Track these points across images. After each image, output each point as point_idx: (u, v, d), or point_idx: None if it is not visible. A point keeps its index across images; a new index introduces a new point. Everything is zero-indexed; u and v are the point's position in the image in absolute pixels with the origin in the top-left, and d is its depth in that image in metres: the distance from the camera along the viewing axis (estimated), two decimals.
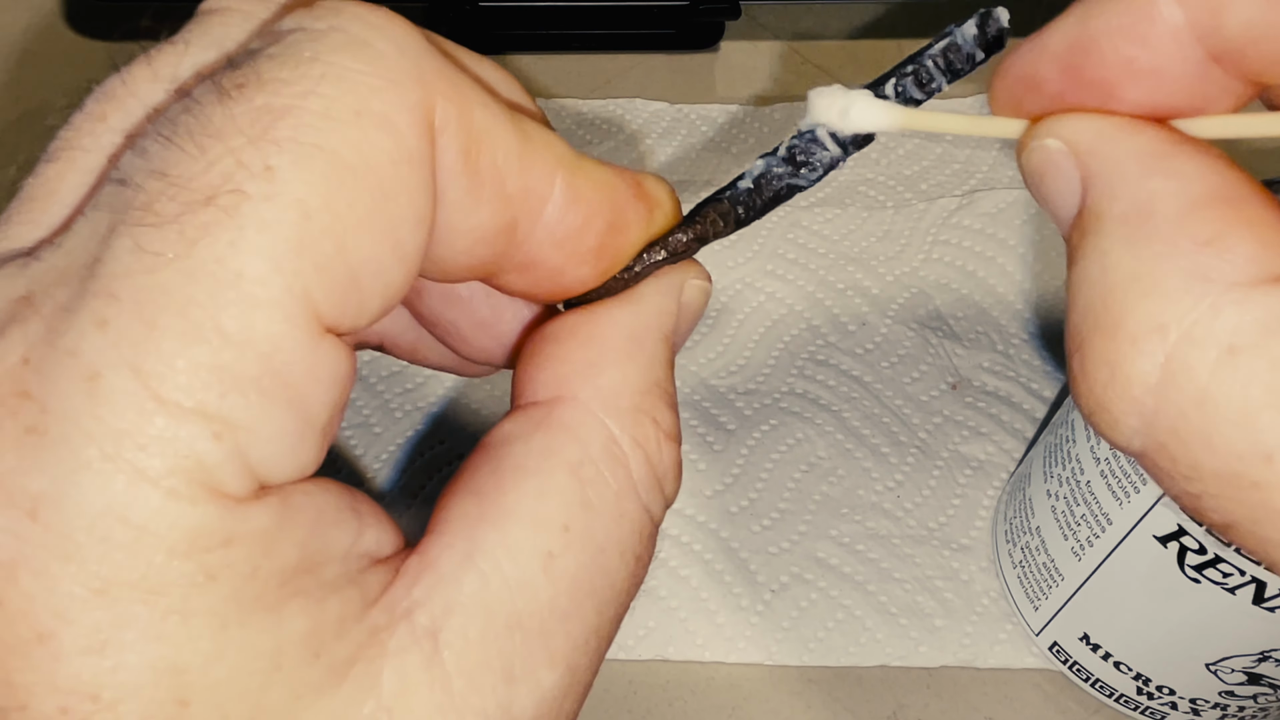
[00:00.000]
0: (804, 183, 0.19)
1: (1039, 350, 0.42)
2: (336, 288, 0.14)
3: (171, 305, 0.13)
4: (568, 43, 0.51)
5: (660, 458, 0.17)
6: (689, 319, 0.19)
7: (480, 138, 0.16)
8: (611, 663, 0.35)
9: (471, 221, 0.16)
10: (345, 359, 0.15)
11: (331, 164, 0.14)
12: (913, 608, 0.36)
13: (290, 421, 0.14)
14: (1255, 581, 0.27)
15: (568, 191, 0.17)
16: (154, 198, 0.14)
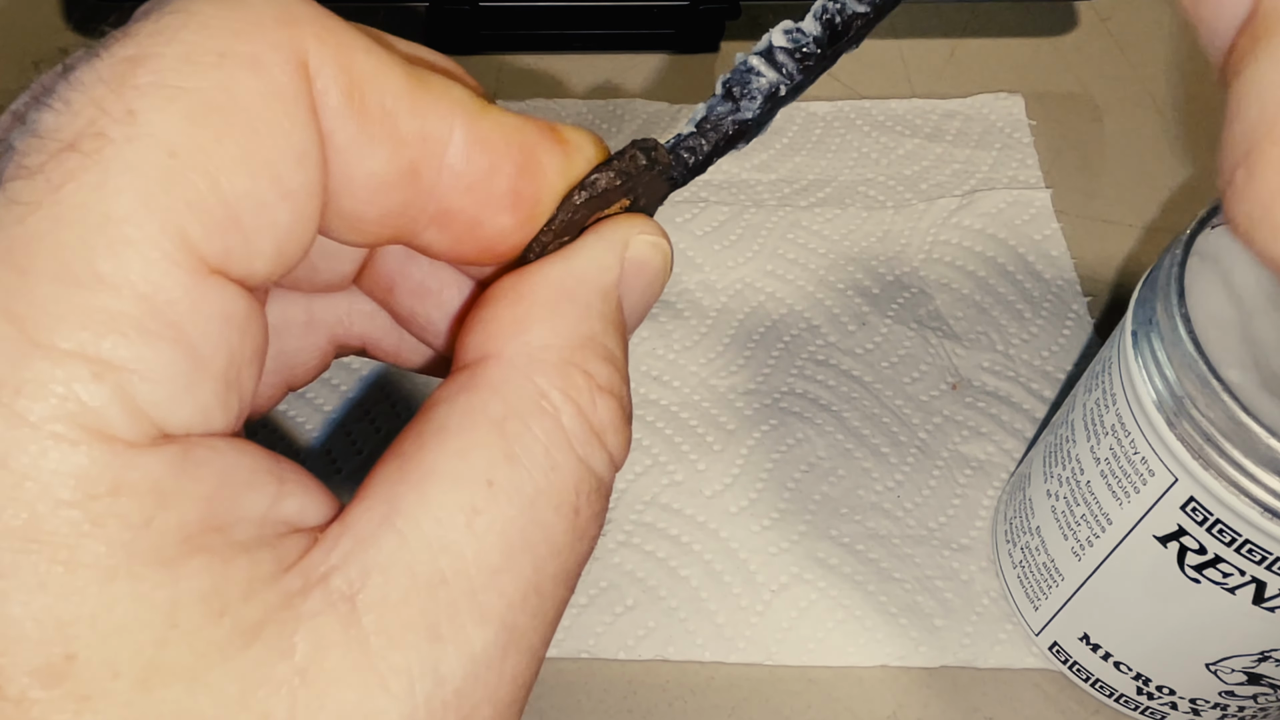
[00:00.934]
0: (747, 114, 0.18)
1: (1039, 350, 0.42)
2: (215, 226, 0.14)
3: (42, 250, 0.13)
4: (568, 43, 0.51)
5: (595, 410, 0.17)
6: (643, 276, 0.18)
7: (364, 79, 0.16)
8: (611, 663, 0.35)
9: (368, 166, 0.16)
10: (241, 302, 0.15)
11: (195, 103, 0.14)
12: (913, 608, 0.36)
13: (177, 362, 0.14)
14: (1255, 581, 0.27)
15: (468, 134, 0.17)
16: (24, 154, 0.14)
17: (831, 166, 0.48)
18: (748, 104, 0.18)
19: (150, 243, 0.14)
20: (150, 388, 0.14)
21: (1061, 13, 0.54)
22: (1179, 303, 0.27)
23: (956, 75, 0.51)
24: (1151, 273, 0.30)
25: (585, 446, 0.16)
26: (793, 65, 0.18)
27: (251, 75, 0.15)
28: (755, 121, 0.19)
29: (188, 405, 0.14)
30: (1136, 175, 0.48)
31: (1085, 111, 0.50)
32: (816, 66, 0.19)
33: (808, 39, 0.19)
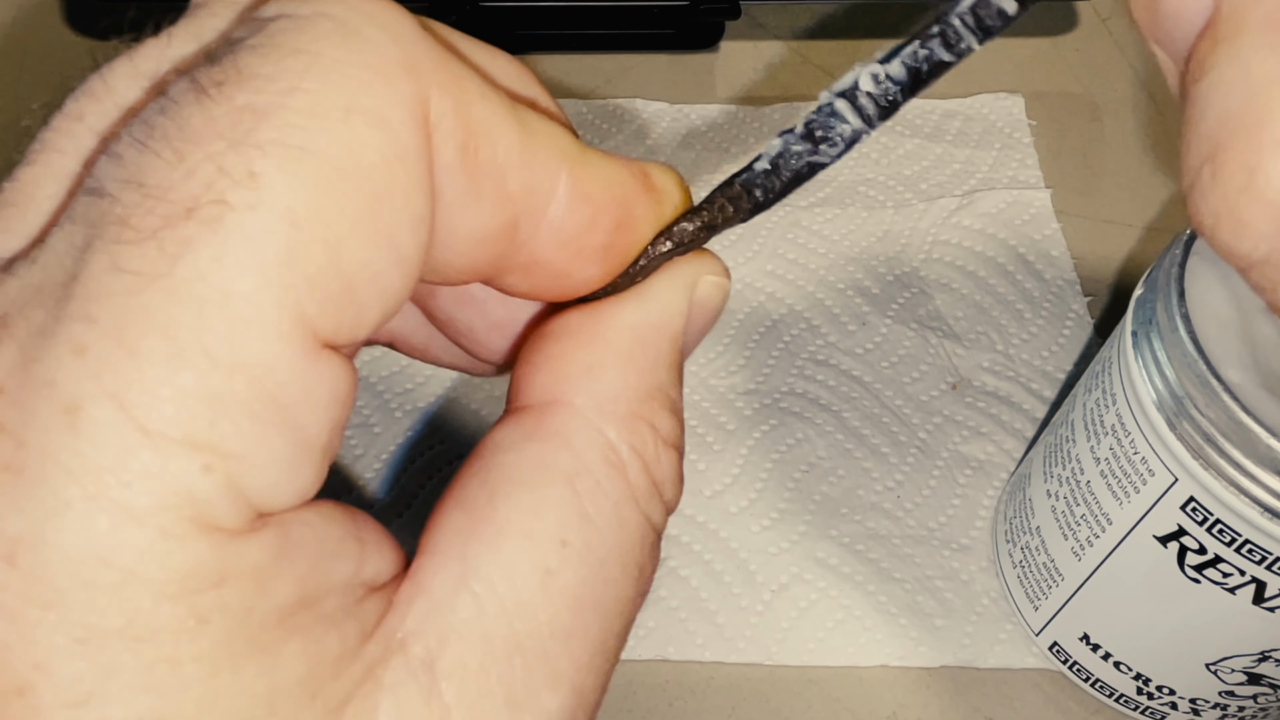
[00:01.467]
0: (825, 159, 0.18)
1: (1039, 350, 0.42)
2: (331, 300, 0.13)
3: (154, 328, 0.12)
4: (568, 43, 0.51)
5: (659, 464, 0.16)
6: (704, 317, 0.18)
7: (479, 131, 0.15)
8: None
9: (471, 222, 0.15)
10: (345, 374, 0.14)
11: (320, 167, 0.13)
12: (913, 608, 0.36)
13: (287, 446, 0.13)
14: (1255, 581, 0.27)
15: (573, 188, 0.16)
16: (130, 210, 0.13)
17: (831, 166, 0.48)
18: (827, 149, 0.18)
19: (266, 322, 0.13)
20: (258, 474, 0.13)
21: (1061, 13, 0.54)
22: (1179, 303, 0.27)
23: (956, 75, 0.51)
24: (1151, 273, 0.30)
25: (648, 502, 0.16)
26: (874, 111, 0.18)
27: (377, 134, 0.14)
28: (826, 165, 0.18)
29: (292, 486, 0.14)
30: (1136, 175, 0.48)
31: (1085, 111, 0.50)
32: (892, 113, 0.18)
33: (895, 88, 0.18)
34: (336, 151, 0.13)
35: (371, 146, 0.14)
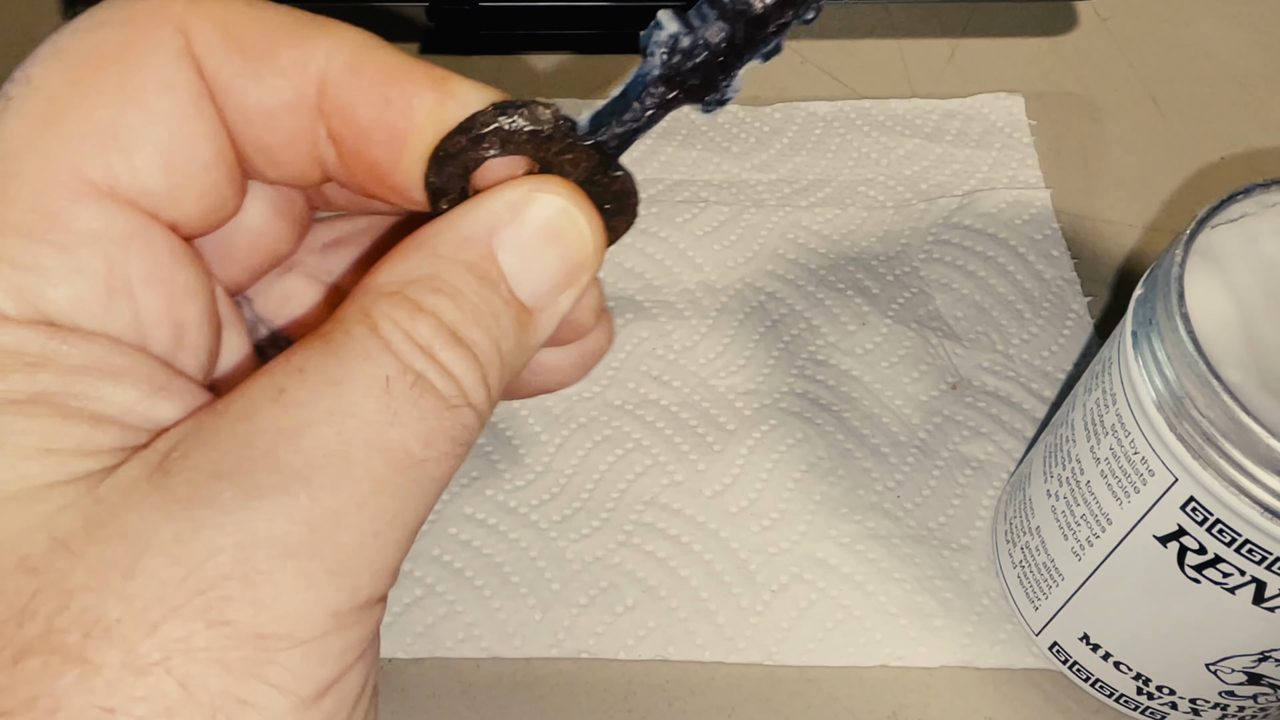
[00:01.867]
0: (653, 70, 0.18)
1: (1039, 350, 0.42)
2: (89, 150, 0.17)
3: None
4: (568, 43, 0.51)
5: (413, 324, 0.17)
6: (540, 234, 0.19)
7: (239, 24, 0.18)
8: (611, 663, 0.35)
9: (255, 95, 0.18)
10: (123, 219, 0.17)
11: (72, 59, 0.17)
12: (913, 608, 0.36)
13: (53, 258, 0.17)
14: (1255, 581, 0.27)
15: (344, 64, 0.18)
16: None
17: (831, 166, 0.48)
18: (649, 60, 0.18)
19: (34, 171, 0.16)
20: (22, 275, 0.16)
21: (1061, 13, 0.54)
22: (1179, 303, 0.27)
23: (956, 75, 0.51)
24: (1151, 273, 0.30)
25: (409, 353, 0.17)
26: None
27: (120, 31, 0.17)
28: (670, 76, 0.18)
29: (61, 295, 0.17)
30: (1136, 175, 0.48)
31: (1085, 111, 0.50)
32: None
33: None
34: (85, 47, 0.17)
35: (114, 39, 0.17)
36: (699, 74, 0.18)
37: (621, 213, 0.21)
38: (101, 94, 0.17)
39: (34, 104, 0.17)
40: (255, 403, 0.17)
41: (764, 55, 0.18)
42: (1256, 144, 0.49)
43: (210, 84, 0.18)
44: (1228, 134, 0.49)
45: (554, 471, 0.39)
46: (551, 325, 0.19)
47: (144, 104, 0.17)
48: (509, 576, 0.37)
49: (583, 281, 0.20)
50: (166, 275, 0.18)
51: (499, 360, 0.18)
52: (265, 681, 0.16)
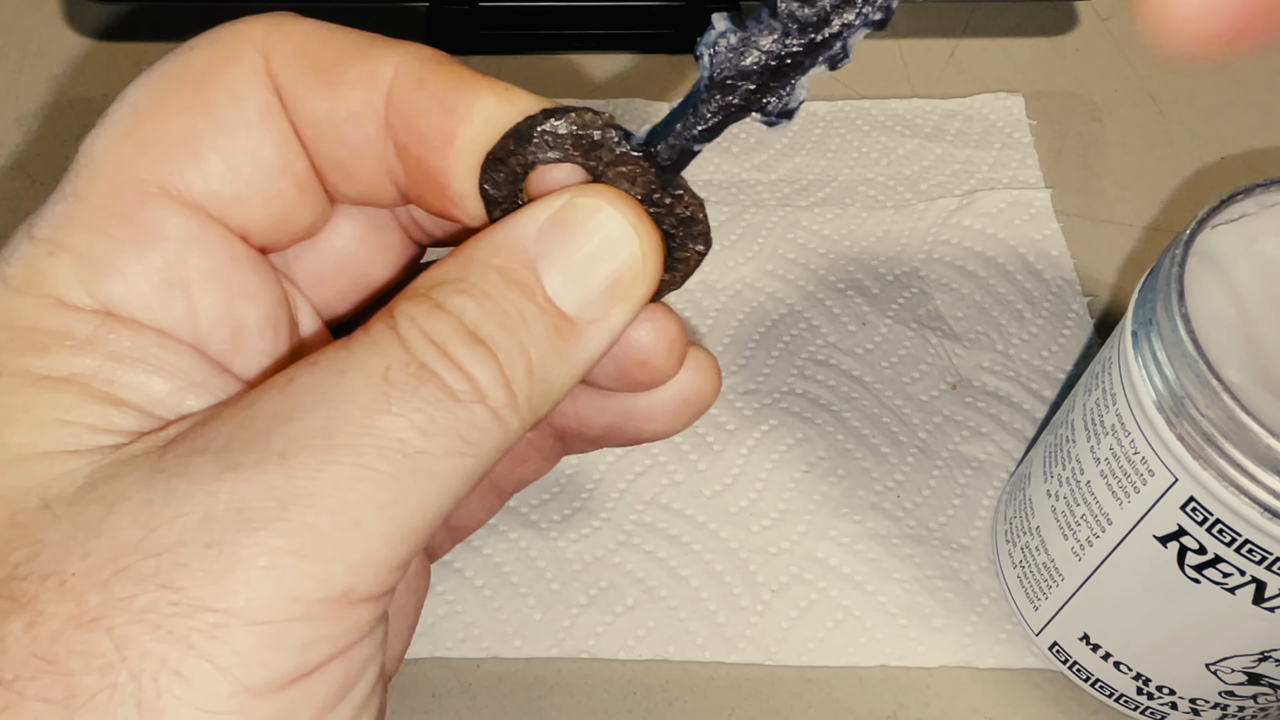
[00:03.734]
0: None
1: (1039, 350, 0.42)
2: (158, 154, 0.18)
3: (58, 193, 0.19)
4: (568, 43, 0.51)
5: (430, 321, 0.17)
6: (575, 237, 0.18)
7: (311, 42, 0.19)
8: (611, 663, 0.35)
9: (324, 106, 0.19)
10: (182, 219, 0.18)
11: (157, 75, 0.19)
12: (913, 608, 0.36)
13: (114, 249, 0.18)
14: (1255, 581, 0.27)
15: (405, 72, 0.19)
16: None
17: (831, 166, 0.48)
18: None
19: (109, 174, 0.18)
20: (84, 266, 0.17)
21: (1061, 13, 0.54)
22: (1179, 303, 0.27)
23: (956, 75, 0.51)
24: (1151, 273, 0.30)
25: (419, 346, 0.17)
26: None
27: (204, 52, 0.18)
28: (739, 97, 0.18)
29: (117, 286, 0.18)
30: (1136, 175, 0.48)
31: (1085, 111, 0.50)
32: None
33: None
34: (171, 65, 0.19)
35: (196, 58, 0.19)
36: (754, 80, 0.17)
37: (690, 240, 0.20)
38: (177, 105, 0.18)
39: (120, 116, 0.18)
40: (264, 391, 0.17)
41: (829, 62, 0.17)
42: (1256, 144, 0.49)
43: (285, 98, 0.19)
44: (1228, 134, 0.49)
45: (554, 471, 0.39)
46: (601, 341, 0.19)
47: (214, 114, 0.18)
48: (509, 576, 0.37)
49: (634, 295, 0.19)
50: (225, 276, 0.19)
51: (525, 364, 0.18)
52: (204, 657, 0.15)
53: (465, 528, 0.25)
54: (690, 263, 0.20)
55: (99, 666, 0.15)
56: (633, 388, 0.21)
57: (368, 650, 0.17)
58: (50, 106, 0.49)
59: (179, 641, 0.15)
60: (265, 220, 0.19)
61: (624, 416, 0.22)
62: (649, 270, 0.19)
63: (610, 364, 0.21)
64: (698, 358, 0.22)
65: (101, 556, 0.15)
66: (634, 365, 0.21)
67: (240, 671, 0.15)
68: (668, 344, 0.21)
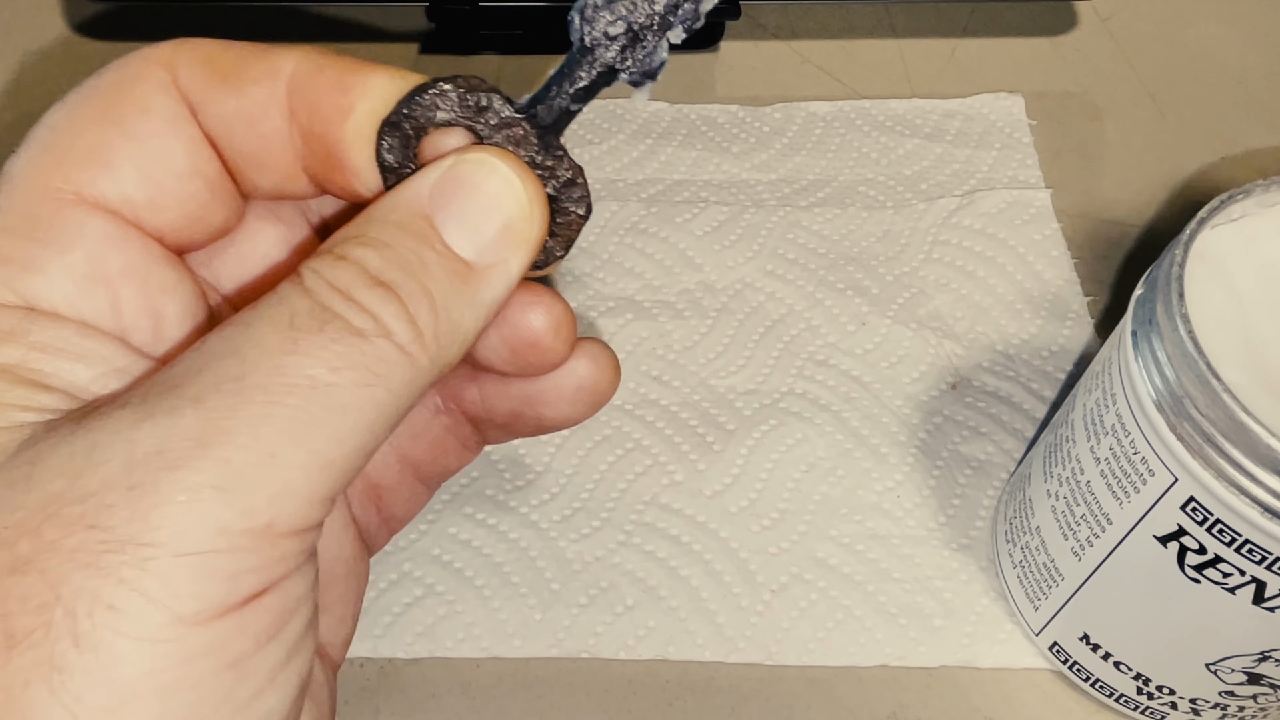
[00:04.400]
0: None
1: (1039, 350, 0.42)
2: (72, 164, 0.19)
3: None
4: (568, 43, 0.51)
5: (333, 271, 0.18)
6: (465, 194, 0.20)
7: (215, 53, 0.20)
8: (611, 663, 0.35)
9: (232, 105, 0.20)
10: (97, 220, 0.19)
11: (73, 97, 0.20)
12: (913, 608, 0.36)
13: (28, 248, 0.19)
14: (1255, 581, 0.27)
15: (297, 64, 0.20)
16: None
17: (831, 166, 0.48)
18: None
19: (26, 186, 0.19)
20: (5, 266, 0.19)
21: (1061, 13, 0.54)
22: (1179, 303, 0.27)
23: (956, 75, 0.51)
24: (1151, 273, 0.30)
25: (322, 294, 0.18)
26: None
27: (113, 73, 0.20)
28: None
29: (38, 283, 0.19)
30: (1136, 175, 0.48)
31: (1085, 111, 0.50)
32: None
33: None
34: (85, 86, 0.20)
35: (106, 78, 0.20)
36: (617, 43, 0.19)
37: (571, 205, 0.21)
38: (89, 120, 0.20)
39: (37, 136, 0.20)
40: (180, 356, 0.18)
41: (684, 24, 0.20)
42: (1256, 144, 0.49)
43: (193, 105, 0.20)
44: (1228, 134, 0.49)
45: (554, 471, 0.39)
46: (501, 285, 0.20)
47: (124, 126, 0.20)
48: (509, 576, 0.37)
49: (527, 240, 0.20)
50: (142, 272, 0.20)
51: (428, 303, 0.19)
52: (136, 589, 0.16)
53: (397, 518, 0.26)
54: (573, 226, 0.22)
55: (34, 606, 0.16)
56: (527, 370, 0.23)
57: (299, 588, 0.18)
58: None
59: (109, 576, 0.16)
60: (179, 221, 0.21)
61: (525, 402, 0.23)
62: (536, 215, 0.20)
63: (503, 346, 0.22)
64: (594, 348, 0.23)
65: (30, 509, 0.16)
66: (524, 346, 0.22)
67: (172, 602, 0.16)
68: (554, 324, 0.22)
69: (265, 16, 0.52)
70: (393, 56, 0.50)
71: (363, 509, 0.25)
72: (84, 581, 0.16)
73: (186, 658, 0.16)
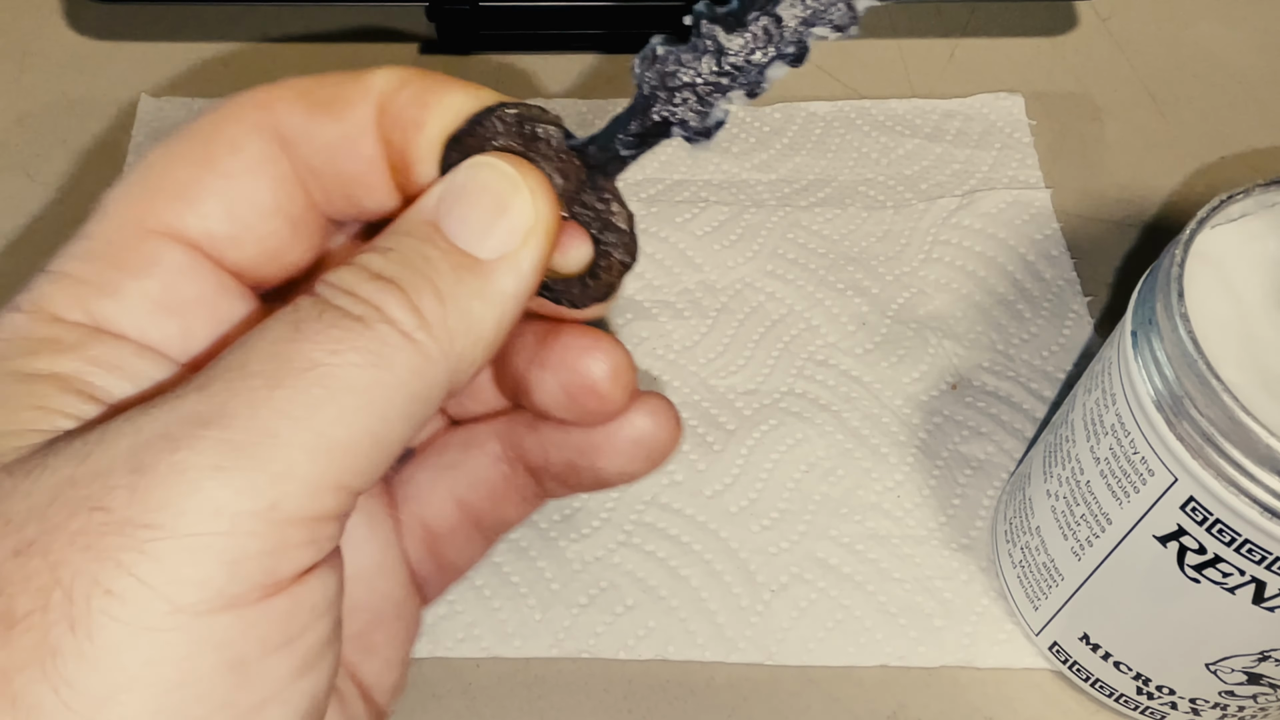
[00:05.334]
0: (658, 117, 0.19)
1: (1039, 350, 0.42)
2: (164, 200, 0.20)
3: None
4: (568, 43, 0.51)
5: (340, 274, 0.19)
6: (469, 198, 0.20)
7: (313, 87, 0.21)
8: (611, 663, 0.35)
9: (329, 133, 0.20)
10: (177, 252, 0.20)
11: (172, 137, 0.21)
12: (913, 608, 0.36)
13: (107, 272, 0.20)
14: (1255, 581, 0.27)
15: (386, 80, 0.20)
16: None
17: (831, 166, 0.48)
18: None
19: (115, 216, 0.20)
20: (79, 287, 0.19)
21: (1061, 13, 0.54)
22: (1179, 303, 0.27)
23: (956, 75, 0.51)
24: (1151, 273, 0.30)
25: (327, 293, 0.18)
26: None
27: (210, 114, 0.21)
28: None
29: (108, 305, 0.19)
30: (1136, 175, 0.48)
31: (1085, 111, 0.50)
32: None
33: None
34: (183, 128, 0.21)
35: (206, 119, 0.21)
36: (675, 97, 0.19)
37: (612, 249, 0.21)
38: (182, 158, 0.20)
39: (134, 171, 0.20)
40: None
41: (748, 89, 0.19)
42: (1256, 144, 0.49)
43: (290, 141, 0.21)
44: (1228, 134, 0.49)
45: None
46: (512, 277, 0.20)
47: (213, 164, 0.20)
48: (509, 576, 0.37)
49: (531, 230, 0.20)
50: (213, 303, 0.20)
51: (432, 291, 0.19)
52: (133, 574, 0.16)
53: (454, 567, 0.25)
54: (613, 270, 0.21)
55: (35, 588, 0.15)
56: (585, 418, 0.22)
57: (313, 596, 0.17)
58: (50, 106, 0.49)
59: (109, 559, 0.16)
60: (258, 257, 0.21)
61: (582, 453, 0.23)
62: (541, 206, 0.20)
63: (560, 391, 0.22)
64: (655, 403, 0.23)
65: (41, 495, 0.16)
66: (580, 391, 0.22)
67: (170, 588, 0.16)
68: (612, 370, 0.22)
69: (266, 17, 0.52)
70: (393, 56, 0.50)
71: (418, 553, 0.24)
72: (84, 564, 0.16)
73: (186, 652, 0.16)
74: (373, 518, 0.24)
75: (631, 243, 0.21)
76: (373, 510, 0.24)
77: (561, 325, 0.22)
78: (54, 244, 0.20)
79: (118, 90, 0.49)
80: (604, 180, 0.20)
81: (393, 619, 0.23)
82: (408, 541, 0.24)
